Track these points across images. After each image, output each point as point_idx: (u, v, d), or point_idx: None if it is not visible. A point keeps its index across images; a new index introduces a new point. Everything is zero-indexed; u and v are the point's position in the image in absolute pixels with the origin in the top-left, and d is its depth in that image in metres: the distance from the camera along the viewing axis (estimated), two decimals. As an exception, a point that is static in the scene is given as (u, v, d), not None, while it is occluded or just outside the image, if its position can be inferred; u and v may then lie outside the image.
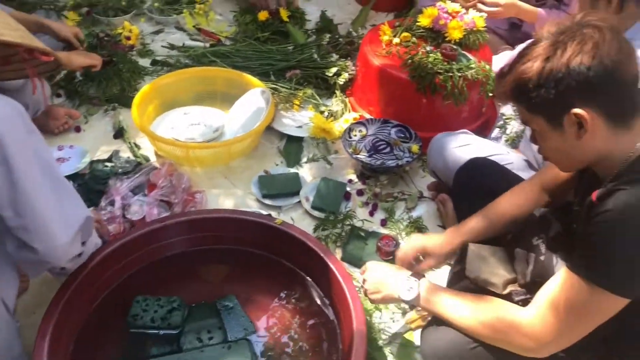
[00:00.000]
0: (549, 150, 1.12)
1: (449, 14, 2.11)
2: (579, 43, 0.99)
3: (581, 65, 0.97)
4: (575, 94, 0.99)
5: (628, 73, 1.00)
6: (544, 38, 1.03)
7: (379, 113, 2.14)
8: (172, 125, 2.07)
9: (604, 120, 1.01)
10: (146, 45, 2.54)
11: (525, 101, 1.06)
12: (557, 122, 1.03)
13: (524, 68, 1.03)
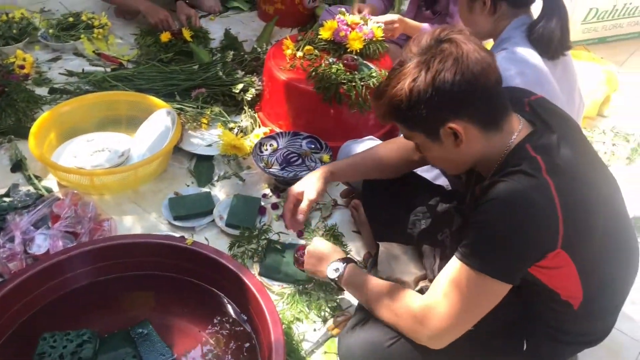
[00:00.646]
0: (434, 159, 1.22)
1: (348, 26, 2.16)
2: (440, 61, 1.05)
3: (445, 82, 1.04)
4: (445, 110, 1.07)
5: (490, 80, 1.07)
6: (409, 59, 1.09)
7: (289, 126, 2.15)
8: (74, 154, 1.99)
9: (477, 127, 1.09)
10: (42, 73, 2.43)
11: (402, 120, 1.13)
12: (435, 135, 1.11)
13: (395, 91, 1.09)
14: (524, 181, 1.04)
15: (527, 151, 1.08)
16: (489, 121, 1.10)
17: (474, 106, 1.07)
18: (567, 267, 1.08)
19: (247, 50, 2.66)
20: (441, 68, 1.04)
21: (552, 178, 1.04)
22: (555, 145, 1.09)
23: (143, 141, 2.05)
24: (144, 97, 2.15)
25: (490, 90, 1.08)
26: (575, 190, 1.07)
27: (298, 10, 2.93)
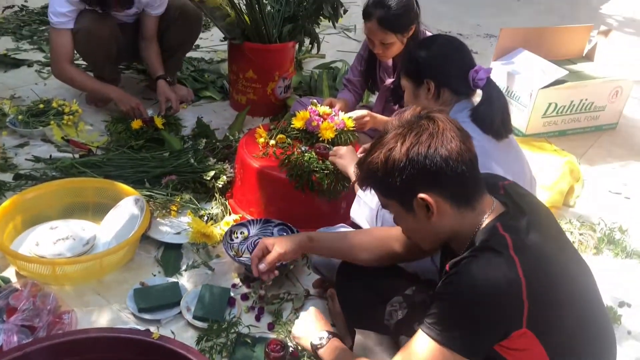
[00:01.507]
0: (407, 231, 1.26)
1: (320, 116, 2.21)
2: (416, 134, 1.11)
3: (419, 155, 1.08)
4: (418, 181, 1.11)
5: (464, 158, 1.11)
6: (389, 131, 1.15)
7: (260, 213, 2.13)
8: (36, 242, 1.91)
9: (449, 202, 1.13)
10: (8, 159, 2.38)
11: (377, 188, 1.17)
12: (409, 205, 1.15)
13: (372, 158, 1.16)
14: (490, 257, 1.07)
15: (497, 229, 1.11)
16: (462, 198, 1.14)
17: (447, 182, 1.11)
18: (535, 348, 1.08)
19: (219, 138, 2.68)
20: (416, 141, 1.10)
21: (518, 256, 1.06)
22: (525, 227, 1.12)
23: (110, 229, 1.99)
24: (112, 184, 2.11)
25: (463, 169, 1.11)
26: (542, 269, 1.09)
27: (270, 101, 2.99)
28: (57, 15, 2.56)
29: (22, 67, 3.27)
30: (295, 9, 2.91)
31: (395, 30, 2.26)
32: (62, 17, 2.56)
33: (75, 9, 2.57)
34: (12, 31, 3.72)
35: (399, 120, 1.16)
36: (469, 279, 1.06)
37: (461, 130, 1.14)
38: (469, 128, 1.63)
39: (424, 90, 1.72)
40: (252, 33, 2.81)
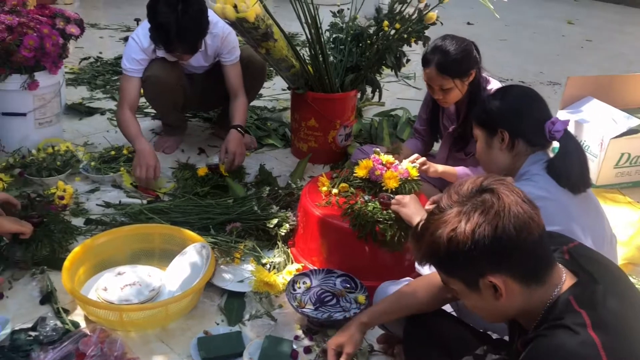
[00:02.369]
0: (472, 307, 1.16)
1: (383, 165, 2.20)
2: (481, 213, 1.04)
3: (485, 237, 1.02)
4: (484, 263, 1.05)
5: (533, 235, 1.04)
6: (448, 206, 1.08)
7: (323, 263, 2.11)
8: (104, 287, 1.95)
9: (518, 282, 1.06)
10: (80, 204, 2.48)
11: (439, 266, 1.12)
12: (474, 286, 1.09)
13: (434, 237, 1.08)
14: (566, 337, 0.99)
15: (571, 305, 1.03)
16: (531, 275, 1.07)
17: (515, 262, 1.05)
18: None
19: (281, 185, 2.71)
20: (481, 221, 1.02)
21: (598, 335, 0.98)
22: (601, 297, 1.04)
23: (175, 275, 2.01)
24: (178, 231, 2.15)
25: (532, 246, 1.05)
26: (625, 348, 0.99)
27: (331, 148, 3.01)
28: (130, 62, 2.70)
29: (96, 115, 3.43)
30: (358, 59, 2.95)
31: (454, 76, 2.25)
32: (135, 64, 2.69)
33: (148, 59, 2.70)
34: (87, 81, 3.93)
35: (459, 194, 1.10)
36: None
37: (528, 203, 1.07)
38: (545, 181, 1.58)
39: (498, 140, 1.68)
40: (315, 83, 2.86)
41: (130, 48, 2.70)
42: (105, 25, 5.40)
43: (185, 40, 2.52)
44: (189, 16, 2.46)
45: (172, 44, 2.53)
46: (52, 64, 2.70)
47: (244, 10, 2.38)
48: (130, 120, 2.69)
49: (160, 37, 2.53)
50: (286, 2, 2.70)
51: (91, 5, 6.38)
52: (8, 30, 2.56)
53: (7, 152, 2.77)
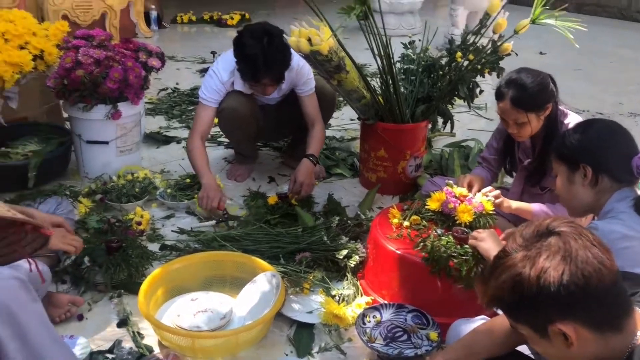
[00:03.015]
0: (543, 354, 1.11)
1: (456, 198, 2.15)
2: (546, 258, 0.99)
3: (552, 284, 0.97)
4: (551, 310, 1.00)
5: (604, 281, 0.98)
6: (514, 249, 1.04)
7: (393, 297, 2.07)
8: (178, 313, 1.99)
9: (591, 329, 0.99)
10: (156, 230, 2.56)
11: (506, 312, 1.08)
12: (542, 332, 1.02)
13: (498, 283, 1.04)
14: None
15: None
16: (605, 323, 1.00)
17: (585, 309, 0.99)
18: None
19: (349, 215, 2.70)
20: (547, 266, 0.98)
21: None
22: None
23: (246, 304, 2.03)
24: (249, 259, 2.18)
25: (603, 292, 0.98)
26: None
27: (400, 179, 2.98)
28: (209, 91, 2.80)
29: (172, 144, 3.56)
30: (429, 89, 2.93)
31: (530, 110, 2.18)
32: (212, 94, 2.79)
33: (226, 90, 2.79)
34: (165, 111, 4.10)
35: (524, 237, 1.06)
36: None
37: (598, 246, 1.01)
38: (633, 219, 1.50)
39: (580, 175, 1.61)
40: (385, 113, 2.85)
41: (209, 80, 2.81)
42: (182, 57, 5.64)
43: (271, 70, 2.60)
44: (274, 47, 2.55)
45: (259, 74, 2.61)
46: (134, 95, 2.84)
47: (318, 44, 2.42)
48: (198, 151, 2.76)
49: (248, 68, 2.62)
50: (356, 33, 2.73)
51: (169, 38, 6.69)
52: (96, 64, 2.72)
53: (90, 179, 2.91)
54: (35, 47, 2.97)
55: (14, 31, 2.94)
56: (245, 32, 2.63)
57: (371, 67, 4.86)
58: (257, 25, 2.67)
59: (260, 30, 2.60)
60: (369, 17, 2.48)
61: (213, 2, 8.72)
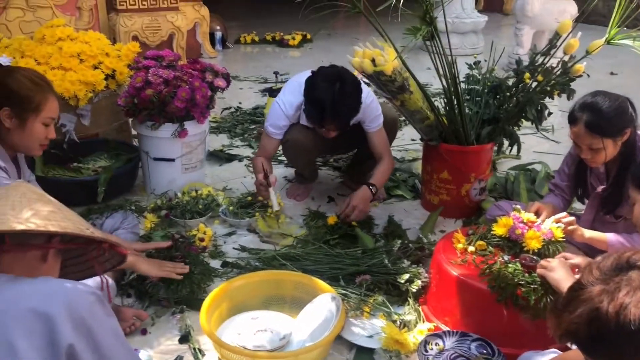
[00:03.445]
0: None
1: (524, 224, 2.07)
2: (626, 294, 0.94)
3: (632, 322, 0.92)
4: (631, 349, 0.94)
5: None
6: (590, 283, 1.00)
7: (457, 324, 2.01)
8: (238, 331, 1.99)
9: None
10: (218, 246, 2.59)
11: (581, 347, 1.02)
12: None
13: (573, 317, 0.99)
14: None
15: None
16: None
17: None
18: None
19: (410, 238, 2.65)
20: (627, 302, 0.93)
21: None
22: None
23: (305, 325, 2.01)
24: (309, 279, 2.16)
25: None
26: None
27: (464, 203, 2.91)
28: (274, 126, 2.82)
29: (234, 162, 3.62)
30: (495, 111, 2.86)
31: (605, 135, 2.07)
32: (277, 128, 2.82)
33: (290, 124, 2.82)
34: (227, 129, 4.18)
35: (602, 270, 1.01)
36: None
37: None
38: None
39: None
40: (449, 134, 2.80)
41: (274, 113, 2.82)
42: (245, 77, 5.75)
43: (338, 118, 2.58)
44: (345, 95, 2.52)
45: (325, 121, 2.60)
46: (200, 114, 2.91)
47: (382, 64, 2.41)
48: (257, 166, 2.83)
49: (315, 112, 2.60)
50: (416, 52, 2.71)
51: (232, 58, 6.85)
52: (164, 83, 2.80)
53: (156, 195, 2.98)
54: (108, 66, 3.12)
55: (88, 52, 3.09)
56: (319, 74, 2.61)
57: (432, 87, 4.81)
58: (332, 70, 2.62)
59: (333, 75, 2.56)
60: (434, 37, 2.45)
61: (275, 22, 8.90)
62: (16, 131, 1.84)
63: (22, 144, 1.90)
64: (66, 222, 1.17)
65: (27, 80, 1.81)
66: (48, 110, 1.90)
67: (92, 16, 5.06)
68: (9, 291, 1.09)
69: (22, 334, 1.02)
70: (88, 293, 1.13)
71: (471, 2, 7.19)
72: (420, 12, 2.36)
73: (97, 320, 1.11)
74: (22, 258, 1.19)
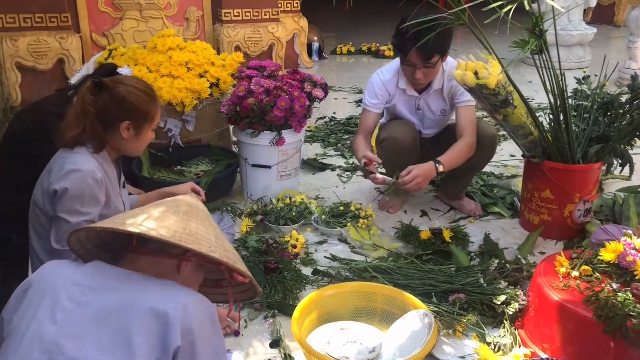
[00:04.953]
0: None
1: (637, 251, 1.93)
2: None
3: None
4: None
5: None
6: None
7: (556, 352, 1.90)
8: (327, 340, 2.00)
9: None
10: (310, 254, 2.62)
11: None
12: None
13: None
14: None
15: None
16: None
17: None
18: None
19: (507, 258, 2.54)
20: None
21: None
22: None
23: (395, 340, 1.98)
24: (401, 294, 2.13)
25: None
26: None
27: (566, 224, 2.76)
28: (371, 96, 2.88)
29: (327, 171, 3.66)
30: (605, 129, 2.69)
31: None
32: (374, 98, 2.87)
33: (387, 94, 2.88)
34: (321, 139, 4.23)
35: None
36: None
37: None
38: None
39: None
40: (553, 152, 2.67)
41: (372, 81, 2.89)
42: (340, 87, 5.81)
43: (419, 39, 2.49)
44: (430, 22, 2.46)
45: (407, 43, 2.59)
46: (297, 124, 2.96)
47: (486, 77, 2.34)
48: (361, 142, 2.84)
49: (399, 38, 2.62)
50: (517, 65, 2.60)
51: (328, 69, 6.95)
52: (265, 93, 2.88)
53: (252, 200, 3.07)
54: (213, 75, 3.25)
55: (195, 61, 3.24)
56: None
57: (533, 102, 4.62)
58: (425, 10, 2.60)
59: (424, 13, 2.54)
60: (543, 50, 2.35)
61: (371, 33, 8.93)
62: (131, 140, 1.95)
63: (133, 149, 2.01)
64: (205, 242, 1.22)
65: (142, 93, 1.90)
66: (157, 119, 2.01)
67: (198, 27, 5.33)
68: (137, 288, 1.15)
69: (140, 330, 1.08)
70: (205, 304, 1.18)
71: (579, 13, 6.85)
72: (529, 25, 2.27)
73: (203, 337, 1.15)
74: (158, 263, 1.26)
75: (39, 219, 1.91)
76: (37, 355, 1.09)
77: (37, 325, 1.12)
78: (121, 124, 1.88)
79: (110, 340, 1.08)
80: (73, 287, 1.17)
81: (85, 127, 1.84)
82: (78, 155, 1.86)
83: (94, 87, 1.84)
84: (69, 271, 1.22)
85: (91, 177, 1.84)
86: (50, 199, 1.85)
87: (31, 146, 2.21)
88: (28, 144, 2.22)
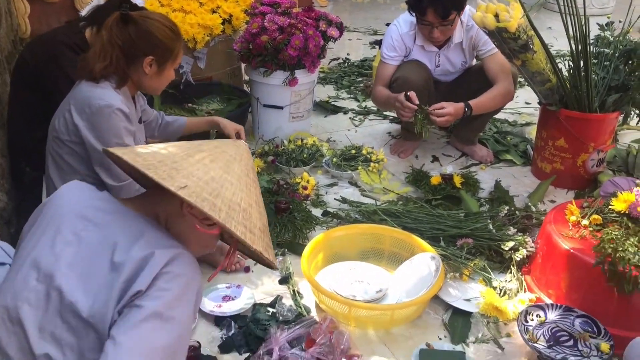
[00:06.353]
0: None
1: (648, 201, 1.92)
2: None
3: None
4: None
5: None
6: None
7: (561, 298, 1.93)
8: (335, 279, 2.04)
9: None
10: (320, 196, 2.63)
11: None
12: None
13: None
14: None
15: None
16: None
17: None
18: None
19: (517, 205, 2.55)
20: None
21: None
22: None
23: (402, 281, 2.02)
24: (409, 237, 2.15)
25: None
26: None
27: (578, 173, 2.74)
28: (388, 48, 2.85)
29: (339, 114, 3.62)
30: (626, 78, 2.63)
31: None
32: (392, 51, 2.84)
33: (405, 47, 2.84)
34: (334, 80, 4.17)
35: None
36: None
37: None
38: None
39: None
40: (571, 100, 2.62)
41: (389, 33, 2.85)
42: (354, 28, 5.68)
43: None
44: None
45: (422, 2, 2.56)
46: (311, 64, 2.91)
47: (507, 20, 2.28)
48: (381, 91, 2.84)
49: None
50: (536, 11, 2.51)
51: (342, 8, 6.76)
52: (279, 30, 2.82)
53: (264, 141, 3.06)
54: (225, 11, 3.18)
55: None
56: None
57: (552, 49, 4.49)
58: None
59: None
60: (568, -7, 2.27)
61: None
62: (153, 77, 1.92)
63: (153, 86, 1.97)
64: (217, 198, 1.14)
65: (168, 29, 1.86)
66: (179, 58, 1.97)
67: (211, -39, 5.15)
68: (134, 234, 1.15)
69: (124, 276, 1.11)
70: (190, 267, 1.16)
71: (604, -44, 6.58)
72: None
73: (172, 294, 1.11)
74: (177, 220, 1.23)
75: (59, 150, 1.91)
76: (34, 283, 1.12)
77: (37, 252, 1.15)
78: (145, 58, 1.85)
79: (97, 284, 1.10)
80: (77, 221, 1.17)
81: (112, 60, 1.82)
82: (104, 90, 1.84)
83: (120, 20, 1.81)
84: (80, 199, 1.23)
85: (121, 111, 1.85)
86: (75, 131, 1.85)
87: (43, 77, 2.20)
88: (39, 74, 2.20)
